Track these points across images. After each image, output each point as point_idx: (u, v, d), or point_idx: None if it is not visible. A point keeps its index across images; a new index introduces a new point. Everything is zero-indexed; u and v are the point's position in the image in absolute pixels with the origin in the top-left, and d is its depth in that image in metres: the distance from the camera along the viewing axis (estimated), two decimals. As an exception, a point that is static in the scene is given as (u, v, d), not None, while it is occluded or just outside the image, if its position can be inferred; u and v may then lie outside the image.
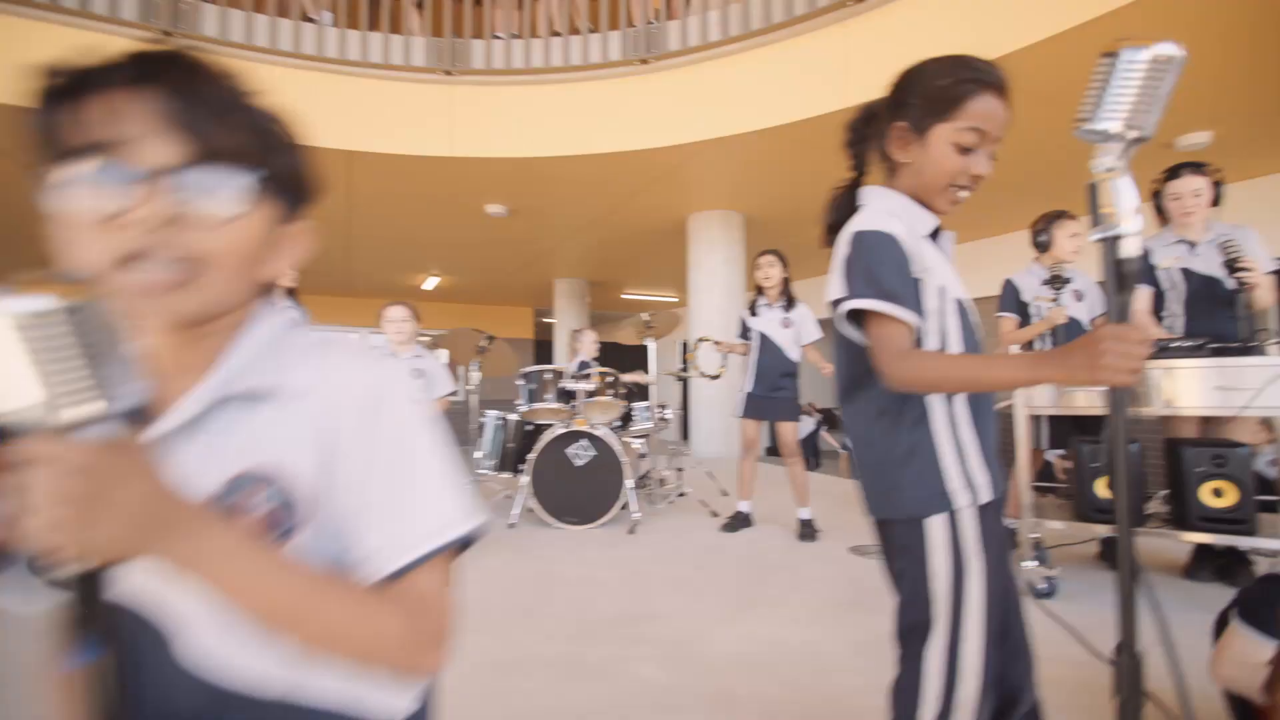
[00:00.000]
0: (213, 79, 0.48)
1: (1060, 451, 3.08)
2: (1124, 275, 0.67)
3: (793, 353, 3.37)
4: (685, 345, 3.42)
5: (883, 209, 0.98)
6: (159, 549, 0.41)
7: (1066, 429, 2.76)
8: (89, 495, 0.38)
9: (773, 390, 3.33)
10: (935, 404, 0.94)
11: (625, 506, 3.47)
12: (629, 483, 3.49)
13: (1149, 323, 2.55)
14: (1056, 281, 2.59)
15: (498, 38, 4.56)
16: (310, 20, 4.35)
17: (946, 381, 0.89)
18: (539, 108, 4.48)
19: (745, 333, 3.51)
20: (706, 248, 5.94)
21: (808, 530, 3.24)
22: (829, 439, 7.98)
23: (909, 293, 0.91)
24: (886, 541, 1.00)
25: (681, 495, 4.24)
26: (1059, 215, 2.73)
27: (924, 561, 0.92)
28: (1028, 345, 2.75)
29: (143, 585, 0.48)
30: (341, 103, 4.34)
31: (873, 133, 1.04)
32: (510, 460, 3.86)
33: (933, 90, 0.94)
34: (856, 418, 1.01)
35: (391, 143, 4.46)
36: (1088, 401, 2.28)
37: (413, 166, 4.73)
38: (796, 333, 3.37)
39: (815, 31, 3.94)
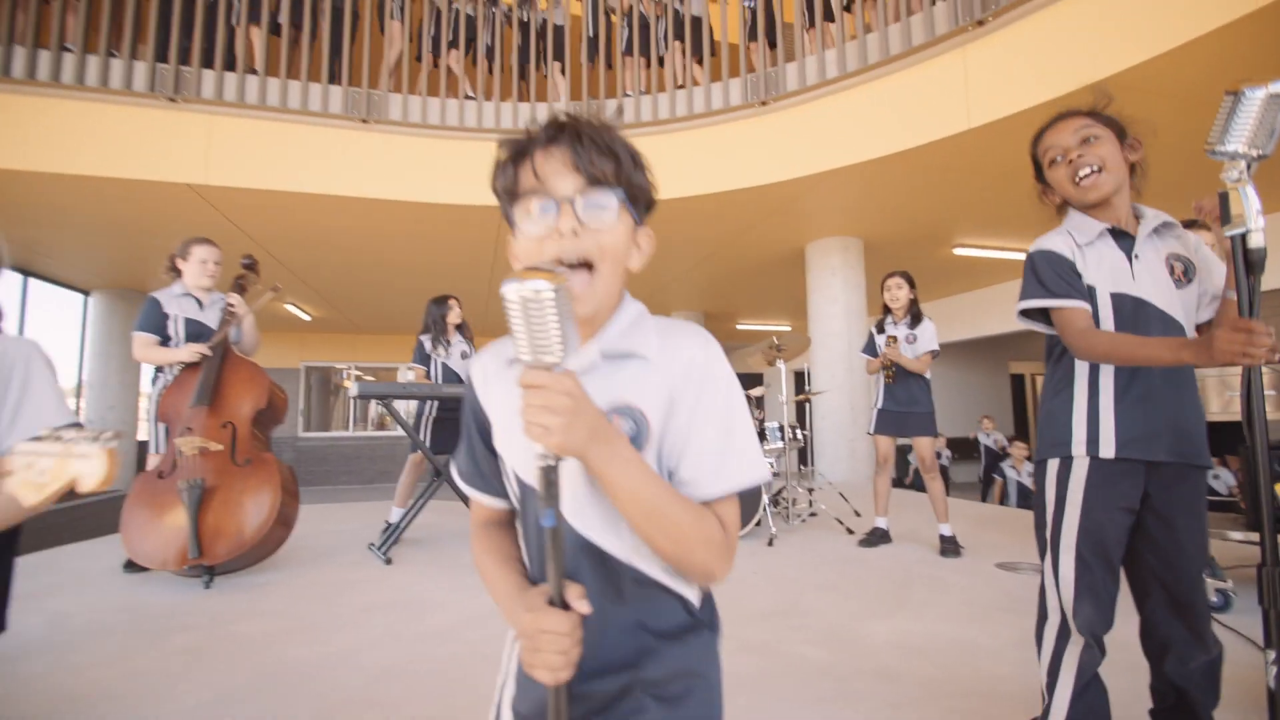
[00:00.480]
0: (594, 133, 0.68)
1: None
2: (1251, 264, 0.84)
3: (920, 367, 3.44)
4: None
5: (1052, 231, 1.32)
6: (590, 450, 0.60)
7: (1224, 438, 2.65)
8: (570, 410, 0.57)
9: (909, 404, 3.40)
10: (1079, 375, 1.23)
11: (759, 523, 3.63)
12: (765, 498, 3.66)
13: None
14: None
15: (628, 95, 5.06)
16: (470, 98, 5.06)
17: (1113, 355, 1.17)
18: (665, 154, 4.89)
19: (871, 348, 3.62)
20: (827, 273, 6.06)
21: (950, 546, 3.24)
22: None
23: (1075, 287, 1.22)
24: None
25: (813, 515, 4.33)
26: (1192, 224, 2.67)
27: (1042, 493, 1.26)
28: None
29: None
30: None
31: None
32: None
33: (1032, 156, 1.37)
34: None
35: (537, 195, 5.04)
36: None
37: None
38: (919, 345, 3.43)
39: (933, 60, 4.06)
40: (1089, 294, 1.23)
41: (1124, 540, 1.20)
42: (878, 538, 3.48)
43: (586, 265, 0.66)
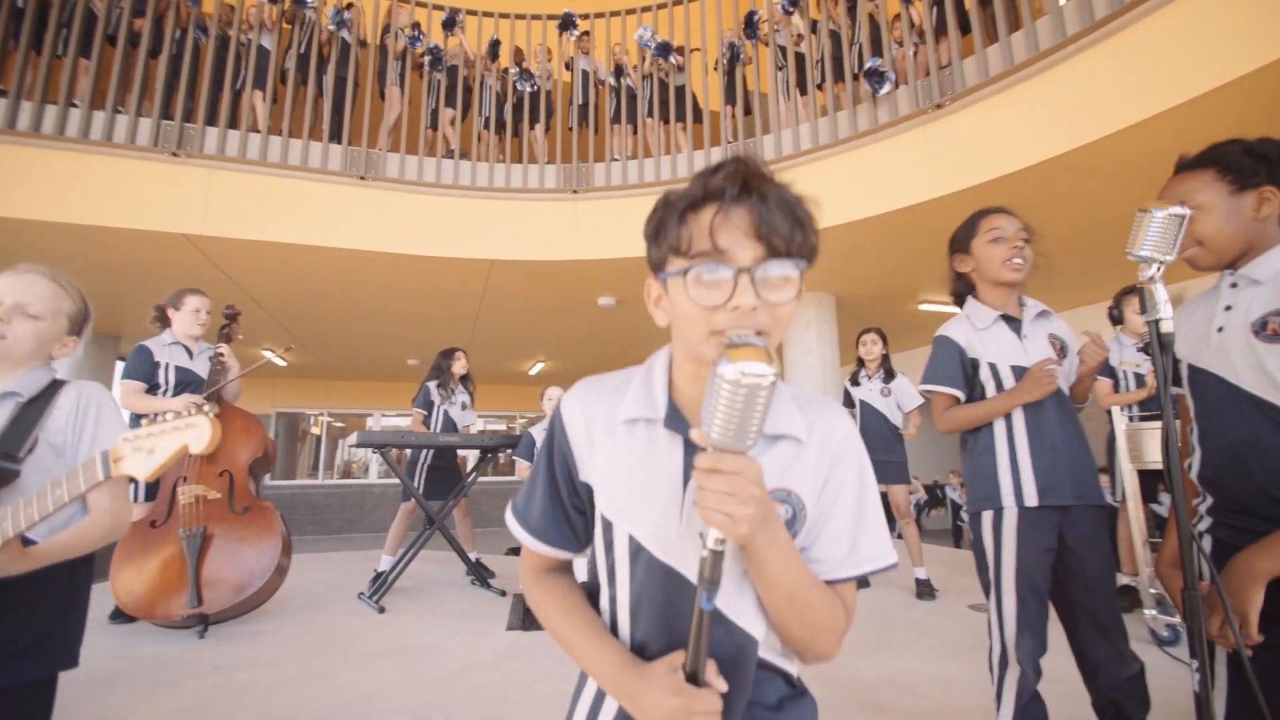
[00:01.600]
0: (779, 195, 0.63)
1: (1157, 504, 3.20)
2: (1164, 344, 1.05)
3: (895, 418, 3.67)
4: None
5: (955, 319, 1.61)
6: (757, 537, 0.58)
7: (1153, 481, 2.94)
8: (758, 500, 0.55)
9: (885, 454, 3.62)
10: (997, 434, 1.47)
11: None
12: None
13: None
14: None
15: (615, 160, 5.37)
16: (464, 157, 5.32)
17: (960, 425, 1.52)
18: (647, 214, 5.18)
19: (847, 400, 3.86)
20: (802, 327, 6.36)
21: (925, 589, 3.41)
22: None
23: (950, 375, 1.55)
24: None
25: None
26: (1130, 290, 3.02)
27: (980, 542, 1.49)
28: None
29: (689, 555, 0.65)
30: (487, 221, 5.21)
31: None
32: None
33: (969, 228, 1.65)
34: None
35: (526, 251, 5.25)
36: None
37: (540, 269, 5.51)
38: (895, 401, 3.68)
39: (898, 136, 4.46)
40: (993, 368, 1.53)
41: (1049, 577, 1.43)
42: (857, 583, 3.63)
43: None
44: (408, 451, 3.98)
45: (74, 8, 4.68)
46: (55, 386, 1.22)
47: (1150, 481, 2.95)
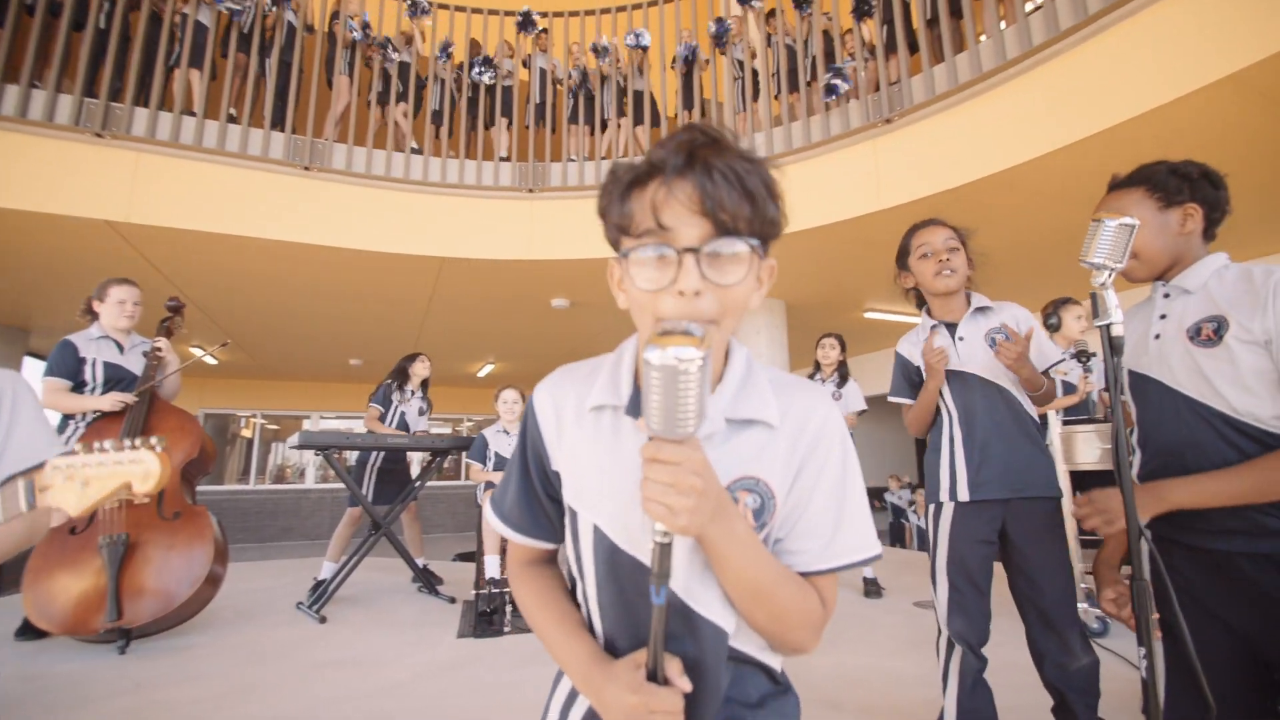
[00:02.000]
0: (728, 167, 0.58)
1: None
2: (1115, 347, 1.11)
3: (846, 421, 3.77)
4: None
5: (908, 333, 1.77)
6: (709, 530, 0.55)
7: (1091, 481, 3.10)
8: (699, 491, 0.51)
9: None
10: (942, 435, 1.59)
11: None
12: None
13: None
14: (1083, 356, 3.01)
15: (571, 160, 5.33)
16: (416, 151, 5.18)
17: (910, 422, 1.71)
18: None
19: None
20: (753, 332, 6.46)
21: (872, 587, 3.50)
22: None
23: (908, 385, 1.73)
24: None
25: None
26: (1065, 301, 3.20)
27: (927, 533, 1.60)
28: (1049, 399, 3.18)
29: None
30: (439, 217, 5.08)
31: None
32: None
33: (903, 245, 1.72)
34: None
35: (479, 249, 5.14)
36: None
37: (493, 269, 5.40)
38: (845, 405, 3.78)
39: (849, 148, 4.59)
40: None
41: (987, 567, 1.51)
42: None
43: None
44: (352, 455, 3.83)
45: (-16, -29, 4.31)
46: None
47: (1090, 482, 3.11)
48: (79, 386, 2.77)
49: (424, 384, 4.03)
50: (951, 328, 1.63)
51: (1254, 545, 1.08)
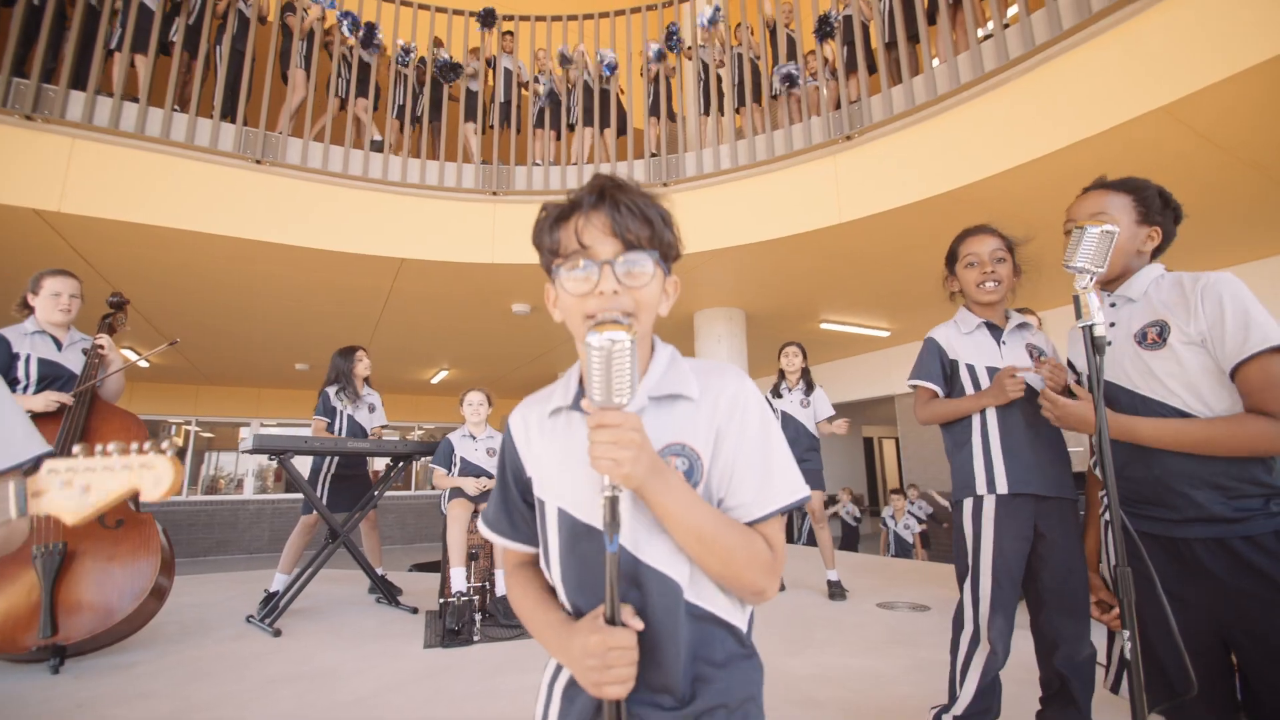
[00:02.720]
0: (631, 200, 0.75)
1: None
2: (1097, 347, 1.18)
3: (813, 428, 3.85)
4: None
5: (945, 323, 1.72)
6: (649, 483, 0.66)
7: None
8: (638, 445, 0.64)
9: (800, 462, 3.77)
10: (974, 431, 1.57)
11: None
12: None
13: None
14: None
15: (537, 164, 5.29)
16: (376, 143, 5.04)
17: (935, 418, 1.65)
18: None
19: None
20: (713, 341, 6.54)
21: (837, 590, 3.58)
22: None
23: (932, 372, 1.66)
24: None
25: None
26: (1023, 311, 3.37)
27: (961, 529, 1.57)
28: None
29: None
30: (399, 217, 4.95)
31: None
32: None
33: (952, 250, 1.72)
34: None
35: (440, 251, 5.03)
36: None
37: (454, 271, 5.30)
38: (813, 412, 3.86)
39: (810, 163, 4.72)
40: (970, 369, 1.65)
41: (1022, 565, 1.53)
42: (773, 586, 3.74)
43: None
44: (305, 464, 3.66)
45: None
46: None
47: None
48: (11, 385, 2.57)
49: (366, 381, 3.87)
50: (994, 330, 1.66)
51: (1207, 530, 1.17)
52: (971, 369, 1.63)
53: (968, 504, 1.57)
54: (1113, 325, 1.33)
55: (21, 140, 4.03)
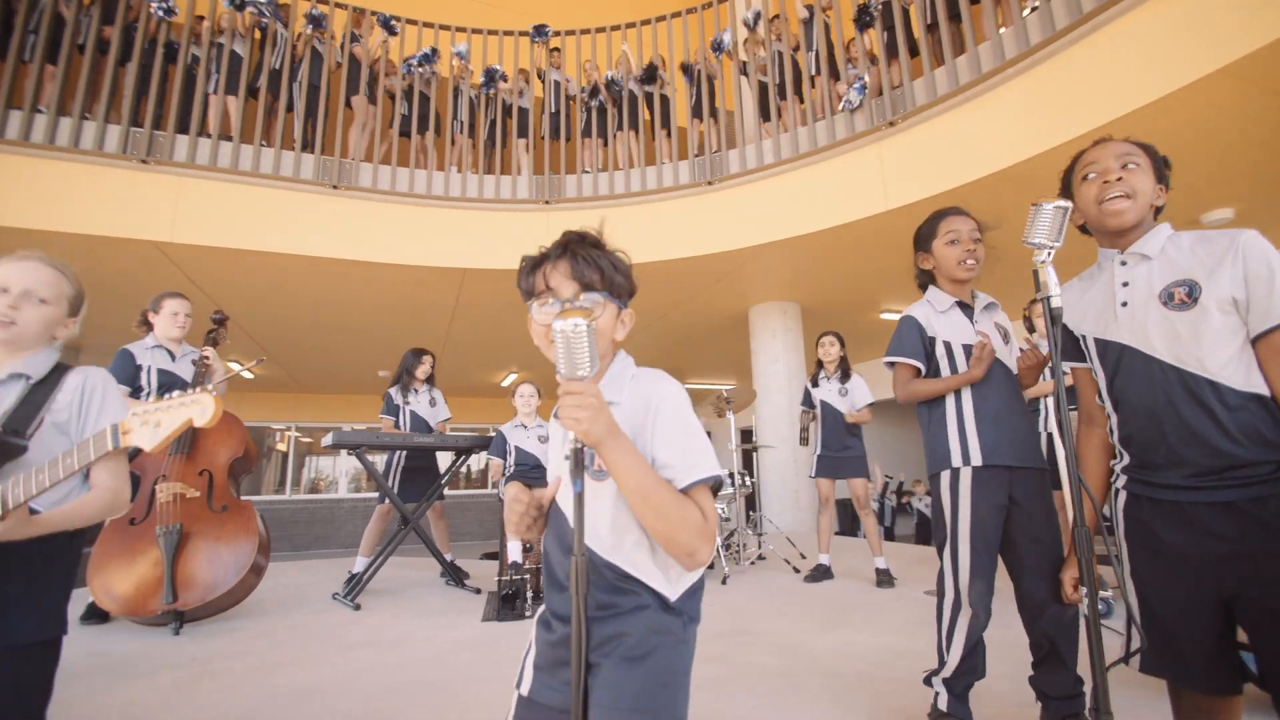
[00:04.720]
0: (586, 251, 0.96)
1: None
2: (1054, 317, 1.23)
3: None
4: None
5: (917, 302, 1.78)
6: (605, 442, 0.82)
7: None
8: (596, 408, 0.80)
9: (841, 450, 3.80)
10: (948, 406, 1.65)
11: (712, 566, 3.88)
12: (718, 540, 3.92)
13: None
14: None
15: (586, 172, 5.54)
16: (437, 168, 5.43)
17: (916, 395, 1.72)
18: (620, 226, 5.34)
19: (808, 400, 4.04)
20: (769, 335, 6.57)
21: (885, 577, 3.58)
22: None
23: (912, 349, 1.72)
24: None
25: (762, 558, 4.61)
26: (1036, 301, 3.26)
27: (939, 500, 1.65)
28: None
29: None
30: (460, 230, 5.32)
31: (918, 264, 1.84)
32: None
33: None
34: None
35: (499, 260, 5.36)
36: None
37: (513, 279, 5.59)
38: (851, 400, 3.87)
39: (855, 152, 4.71)
40: (947, 346, 1.71)
41: (999, 533, 1.59)
42: (821, 573, 3.78)
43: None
44: (380, 459, 4.03)
45: (41, 13, 4.68)
46: (61, 370, 1.30)
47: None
48: (136, 392, 3.03)
49: (428, 380, 4.20)
50: (965, 309, 1.74)
51: (1212, 496, 1.12)
52: (949, 346, 1.70)
53: (945, 476, 1.64)
54: (1126, 285, 1.25)
55: (139, 181, 4.64)
